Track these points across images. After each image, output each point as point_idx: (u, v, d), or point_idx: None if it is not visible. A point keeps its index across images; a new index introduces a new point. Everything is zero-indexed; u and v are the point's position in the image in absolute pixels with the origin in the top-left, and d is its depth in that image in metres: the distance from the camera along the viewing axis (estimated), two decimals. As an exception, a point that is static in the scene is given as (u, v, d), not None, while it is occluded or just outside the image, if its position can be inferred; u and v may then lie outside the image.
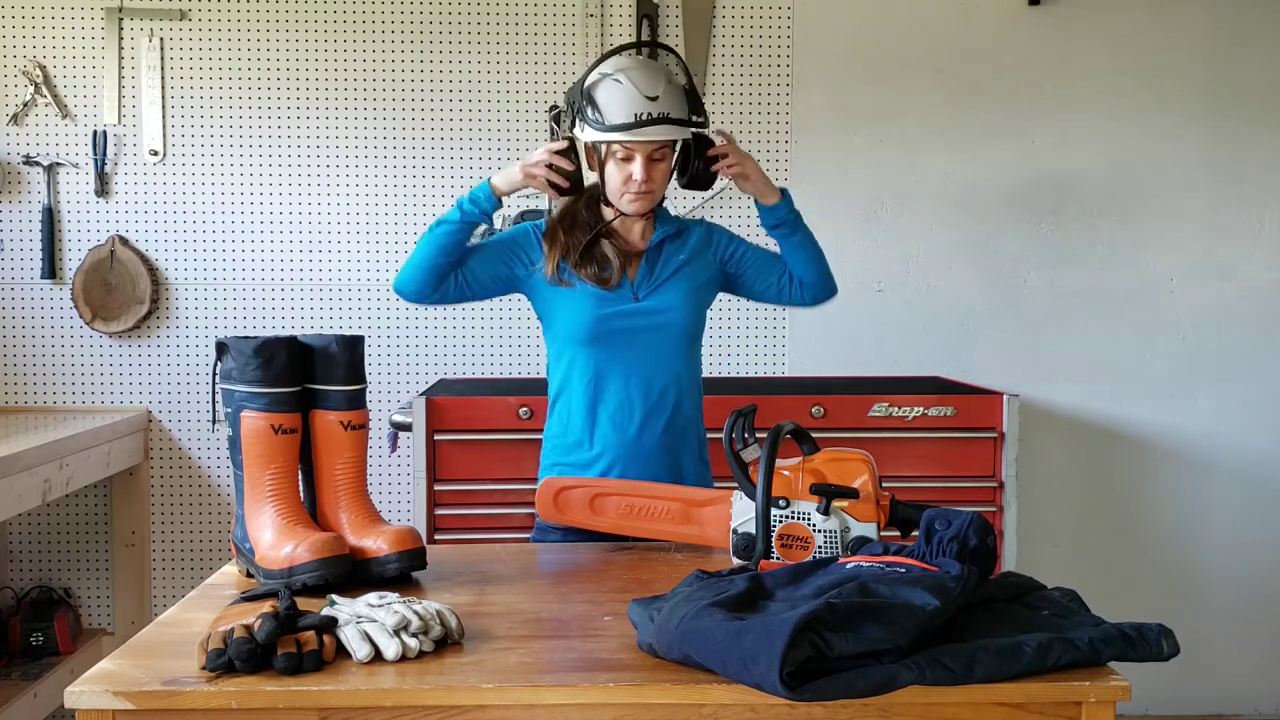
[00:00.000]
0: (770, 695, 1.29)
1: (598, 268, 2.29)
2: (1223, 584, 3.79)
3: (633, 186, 2.24)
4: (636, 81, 2.19)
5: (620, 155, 2.23)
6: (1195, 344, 3.77)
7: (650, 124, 2.17)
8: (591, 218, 2.33)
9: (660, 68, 2.27)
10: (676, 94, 2.22)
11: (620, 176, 2.24)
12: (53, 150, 3.61)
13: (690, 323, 2.33)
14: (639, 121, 2.17)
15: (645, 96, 2.18)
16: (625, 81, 2.19)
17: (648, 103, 2.17)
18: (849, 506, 1.78)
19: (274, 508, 1.78)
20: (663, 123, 2.18)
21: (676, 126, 2.21)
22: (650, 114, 2.17)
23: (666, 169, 2.27)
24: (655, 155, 2.23)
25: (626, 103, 2.18)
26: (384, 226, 3.68)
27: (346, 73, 3.64)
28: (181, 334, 3.67)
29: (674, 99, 2.21)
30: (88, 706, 1.36)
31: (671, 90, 2.21)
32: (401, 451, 3.40)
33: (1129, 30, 3.71)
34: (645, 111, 2.17)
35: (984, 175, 3.73)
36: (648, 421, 2.29)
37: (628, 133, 2.18)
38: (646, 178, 2.22)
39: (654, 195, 2.28)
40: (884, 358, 3.74)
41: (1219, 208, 3.75)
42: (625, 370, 2.29)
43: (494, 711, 1.37)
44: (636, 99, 2.18)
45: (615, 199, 2.28)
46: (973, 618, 1.46)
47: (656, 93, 2.19)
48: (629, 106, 2.18)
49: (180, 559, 3.71)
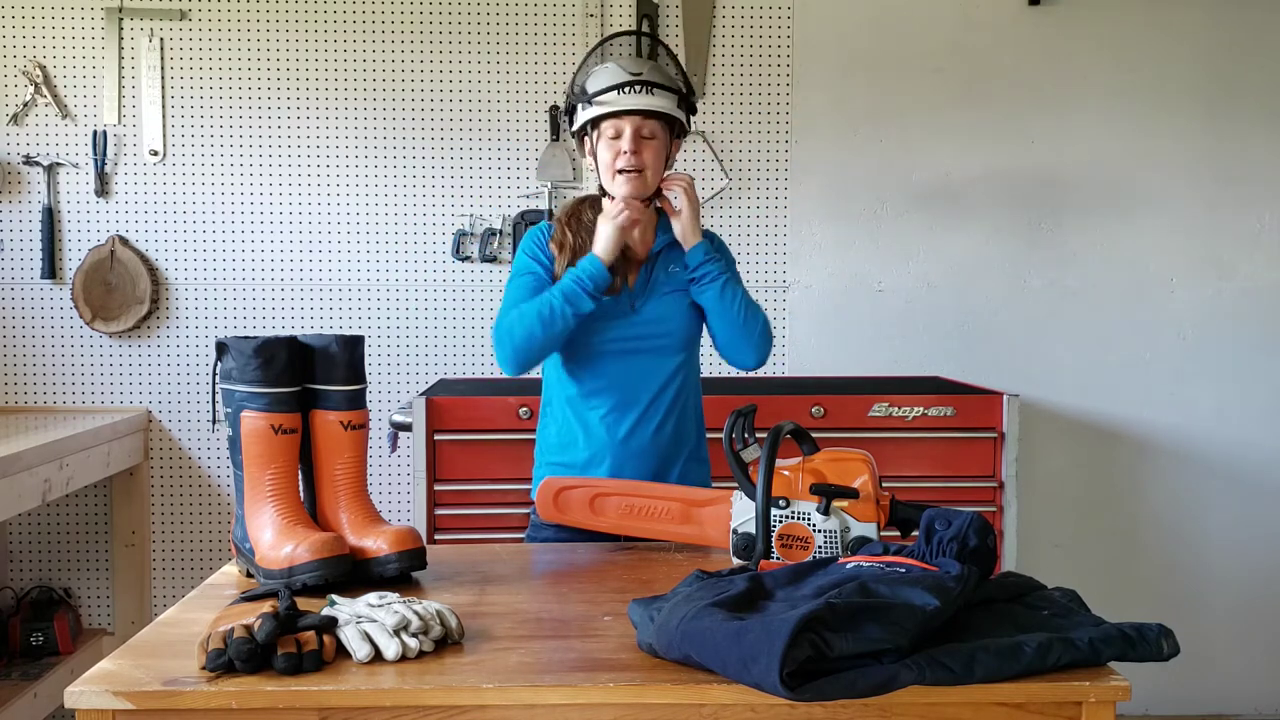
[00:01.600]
0: (770, 695, 1.29)
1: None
2: (1223, 584, 3.79)
3: (622, 162, 2.21)
4: (621, 61, 2.22)
5: (610, 134, 2.22)
6: (1195, 344, 3.77)
7: (633, 84, 2.19)
8: (596, 218, 2.31)
9: (649, 60, 2.29)
10: (661, 71, 2.24)
11: (610, 155, 2.22)
12: (53, 150, 3.61)
13: (686, 333, 2.31)
14: (621, 84, 2.19)
15: (629, 71, 2.20)
16: (611, 63, 2.22)
17: (632, 76, 2.20)
18: (849, 506, 1.78)
19: (274, 508, 1.78)
20: (646, 90, 2.19)
21: (661, 96, 2.20)
22: (634, 85, 2.19)
23: (657, 152, 2.23)
24: (645, 133, 2.21)
25: (610, 77, 2.21)
26: (384, 226, 3.68)
27: (346, 73, 3.64)
28: (181, 334, 3.67)
29: (659, 74, 2.23)
30: (88, 706, 1.36)
31: (656, 68, 2.24)
32: (401, 451, 3.40)
33: (1129, 30, 3.71)
34: (629, 83, 2.19)
35: (984, 175, 3.73)
36: (641, 425, 2.28)
37: (611, 95, 2.19)
38: (635, 150, 2.20)
39: (645, 178, 2.23)
40: (884, 358, 3.74)
41: (1219, 208, 3.75)
42: (620, 379, 2.28)
43: (494, 711, 1.37)
44: (619, 73, 2.21)
45: (609, 184, 2.26)
46: (973, 618, 1.46)
47: (640, 69, 2.21)
48: (613, 79, 2.21)
49: (180, 559, 3.71)
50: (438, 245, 3.68)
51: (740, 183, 3.70)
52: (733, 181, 3.69)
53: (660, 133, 2.24)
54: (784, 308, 3.73)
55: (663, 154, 2.26)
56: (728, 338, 2.29)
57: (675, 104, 2.23)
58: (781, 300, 3.73)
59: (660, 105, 2.21)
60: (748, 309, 2.29)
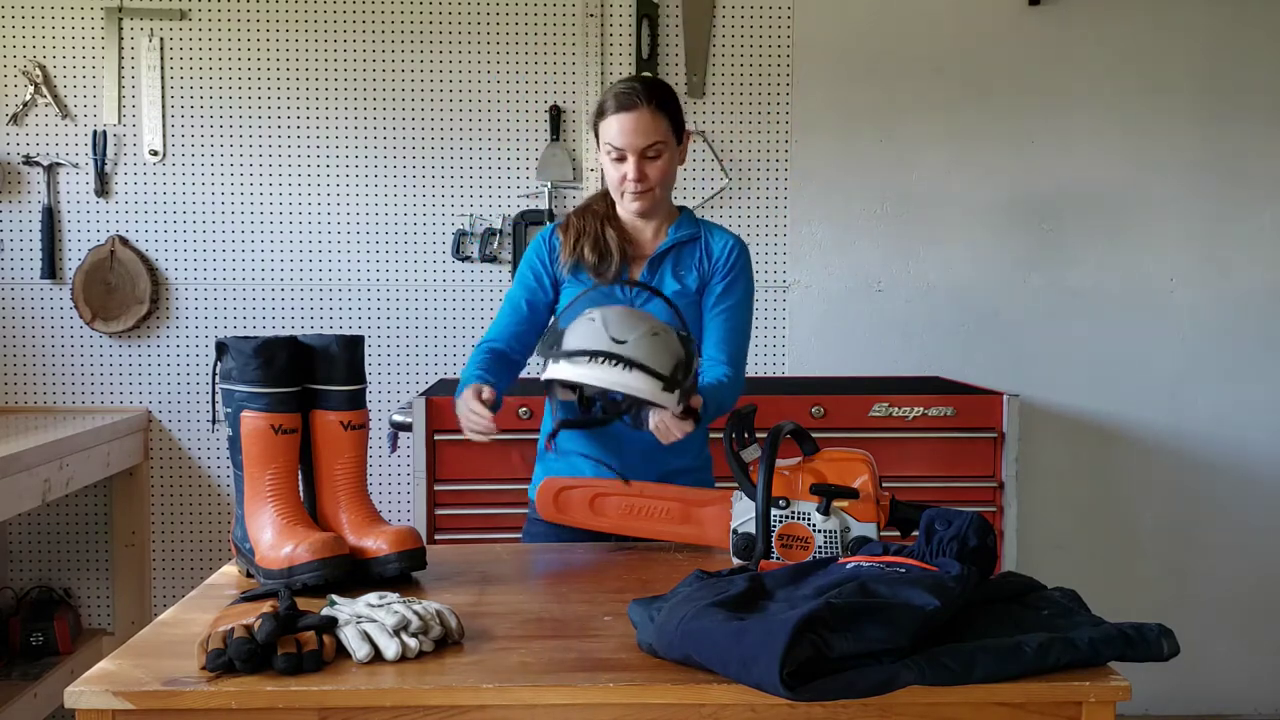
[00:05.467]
0: (770, 695, 1.29)
1: (598, 257, 2.26)
2: (1223, 584, 3.79)
3: (629, 186, 2.23)
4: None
5: (614, 156, 2.23)
6: (1195, 344, 3.77)
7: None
8: (605, 207, 2.32)
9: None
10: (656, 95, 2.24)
11: (616, 176, 2.24)
12: (53, 150, 3.61)
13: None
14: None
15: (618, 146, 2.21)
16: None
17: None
18: (849, 506, 1.78)
19: (274, 508, 1.78)
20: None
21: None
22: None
23: (665, 165, 2.24)
24: (649, 153, 2.21)
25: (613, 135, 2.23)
26: (384, 226, 3.68)
27: (346, 73, 3.64)
28: (181, 334, 3.67)
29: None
30: (88, 706, 1.36)
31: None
32: (401, 451, 3.40)
33: (1129, 30, 3.71)
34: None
35: (984, 175, 3.73)
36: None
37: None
38: (639, 176, 2.21)
39: (654, 193, 2.25)
40: (884, 358, 3.74)
41: (1219, 208, 3.75)
42: None
43: (494, 711, 1.37)
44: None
45: (617, 199, 2.29)
46: (973, 618, 1.46)
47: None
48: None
49: (180, 559, 3.71)
50: (438, 245, 3.68)
51: (740, 183, 3.70)
52: (733, 181, 3.69)
53: (665, 147, 2.23)
54: (784, 308, 3.73)
55: (670, 159, 2.25)
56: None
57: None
58: (781, 300, 3.73)
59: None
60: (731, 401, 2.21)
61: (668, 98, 2.24)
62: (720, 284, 2.28)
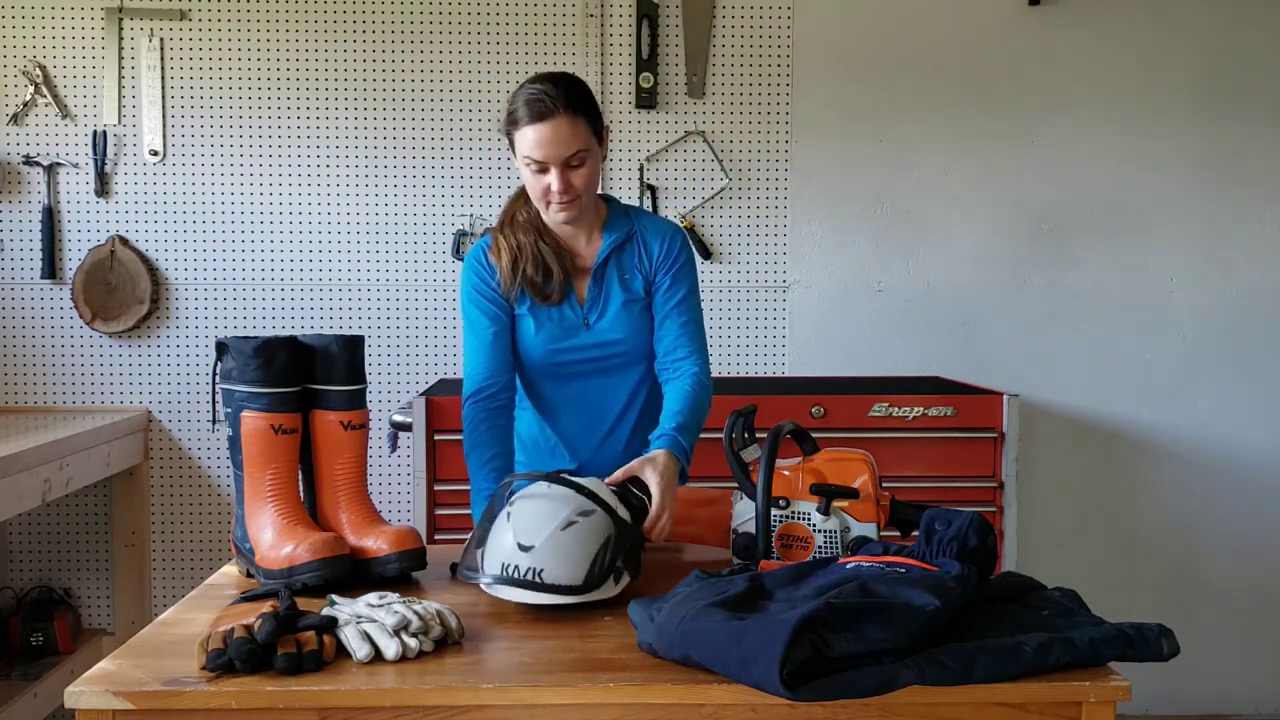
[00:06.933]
0: (770, 695, 1.29)
1: (541, 279, 2.14)
2: (1223, 584, 3.79)
3: (554, 198, 2.06)
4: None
5: (534, 168, 2.06)
6: (1195, 344, 3.77)
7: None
8: (529, 216, 2.17)
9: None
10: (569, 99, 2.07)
11: (539, 188, 2.08)
12: (53, 150, 3.60)
13: (645, 344, 2.20)
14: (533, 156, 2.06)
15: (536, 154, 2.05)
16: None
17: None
18: (849, 506, 1.78)
19: (274, 508, 1.78)
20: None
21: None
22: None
23: (589, 171, 2.07)
24: (573, 161, 2.05)
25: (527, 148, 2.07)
26: (384, 226, 3.68)
27: (346, 73, 3.64)
28: (181, 334, 3.67)
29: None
30: (88, 706, 1.36)
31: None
32: (401, 451, 3.40)
33: (1129, 30, 3.71)
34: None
35: (984, 175, 3.73)
36: (610, 440, 2.24)
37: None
38: (565, 187, 2.05)
39: (581, 201, 2.09)
40: (884, 358, 3.74)
41: (1219, 208, 3.75)
42: (583, 400, 2.22)
43: (494, 711, 1.37)
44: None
45: (541, 210, 2.13)
46: (973, 618, 1.46)
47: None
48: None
49: (180, 559, 3.71)
50: (438, 245, 3.68)
51: (740, 183, 3.70)
52: (733, 181, 3.69)
53: (588, 155, 2.07)
54: (784, 308, 3.73)
55: (594, 166, 2.09)
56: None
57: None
58: (781, 300, 3.73)
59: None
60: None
61: (584, 99, 2.08)
62: (667, 278, 2.19)
